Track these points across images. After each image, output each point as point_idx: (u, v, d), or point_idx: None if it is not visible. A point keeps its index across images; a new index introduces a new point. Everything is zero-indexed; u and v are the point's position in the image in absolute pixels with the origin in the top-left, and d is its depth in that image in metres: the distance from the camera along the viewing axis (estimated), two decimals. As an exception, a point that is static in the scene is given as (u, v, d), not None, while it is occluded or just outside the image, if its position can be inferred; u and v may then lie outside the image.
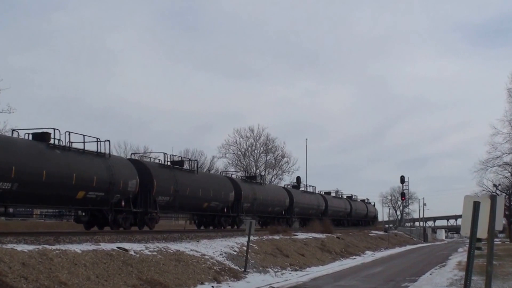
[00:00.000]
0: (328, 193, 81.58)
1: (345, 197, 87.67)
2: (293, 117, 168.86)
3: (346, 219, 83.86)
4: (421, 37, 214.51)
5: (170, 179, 38.81)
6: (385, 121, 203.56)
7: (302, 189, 71.94)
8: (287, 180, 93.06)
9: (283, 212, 60.72)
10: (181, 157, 46.54)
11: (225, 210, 46.55)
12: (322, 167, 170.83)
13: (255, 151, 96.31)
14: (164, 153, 40.58)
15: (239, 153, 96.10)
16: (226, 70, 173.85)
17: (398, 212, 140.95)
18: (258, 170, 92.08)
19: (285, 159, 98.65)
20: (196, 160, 45.59)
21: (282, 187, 70.10)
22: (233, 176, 57.45)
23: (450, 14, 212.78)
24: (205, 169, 67.46)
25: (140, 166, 36.77)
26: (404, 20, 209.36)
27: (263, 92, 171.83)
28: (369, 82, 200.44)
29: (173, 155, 42.76)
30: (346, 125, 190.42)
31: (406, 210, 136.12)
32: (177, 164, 41.74)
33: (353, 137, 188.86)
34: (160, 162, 40.37)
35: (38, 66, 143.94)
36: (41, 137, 29.32)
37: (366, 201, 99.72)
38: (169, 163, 40.64)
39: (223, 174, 58.60)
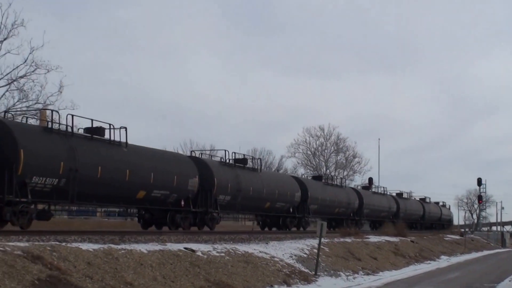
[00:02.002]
0: (367, 188, 70.26)
1: (392, 194, 73.13)
2: (365, 116, 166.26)
3: (391, 220, 67.29)
4: (499, 37, 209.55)
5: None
6: (462, 121, 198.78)
7: (323, 181, 56.61)
8: (358, 181, 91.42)
9: (291, 210, 46.00)
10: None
11: (183, 204, 33.55)
12: (394, 168, 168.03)
13: (325, 150, 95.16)
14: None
15: (309, 152, 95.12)
16: (296, 67, 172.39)
17: (475, 216, 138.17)
18: (328, 170, 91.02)
19: (356, 159, 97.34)
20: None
21: (293, 176, 54.68)
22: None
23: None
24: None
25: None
26: (481, 19, 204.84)
27: (335, 90, 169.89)
28: (445, 81, 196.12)
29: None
30: (420, 125, 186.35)
31: (483, 213, 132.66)
32: None
33: (427, 137, 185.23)
34: None
35: (103, 62, 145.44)
36: None
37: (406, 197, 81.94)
38: None
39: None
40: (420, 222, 79.84)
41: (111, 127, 29.59)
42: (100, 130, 28.87)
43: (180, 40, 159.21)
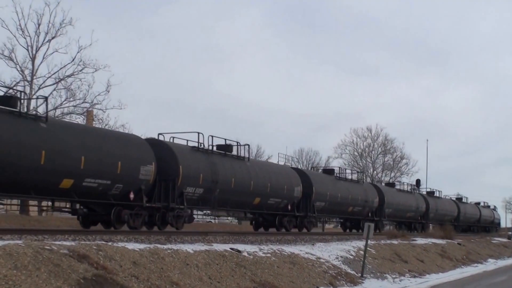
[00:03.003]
0: (392, 184, 64.57)
1: (422, 193, 69.13)
2: (413, 116, 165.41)
3: (419, 221, 63.77)
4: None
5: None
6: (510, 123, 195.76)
7: (335, 174, 48.11)
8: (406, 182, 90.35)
9: (290, 208, 38.82)
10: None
11: (132, 197, 26.99)
12: (443, 169, 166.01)
13: (373, 151, 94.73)
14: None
15: (356, 153, 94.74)
16: (343, 67, 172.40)
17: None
18: (375, 172, 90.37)
19: (404, 161, 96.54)
20: None
21: (294, 168, 44.27)
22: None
23: None
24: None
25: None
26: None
27: (382, 90, 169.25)
28: (494, 80, 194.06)
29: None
30: (469, 126, 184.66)
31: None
32: None
33: (476, 139, 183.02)
34: None
35: (147, 63, 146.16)
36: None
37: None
38: None
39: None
40: (454, 224, 70.42)
41: (24, 96, 25.75)
42: (11, 100, 23.80)
43: (227, 42, 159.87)
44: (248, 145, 36.32)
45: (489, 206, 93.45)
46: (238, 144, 35.67)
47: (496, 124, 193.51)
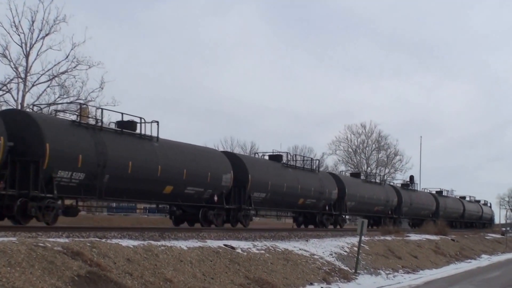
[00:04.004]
0: (357, 174, 59.53)
1: (395, 185, 62.98)
2: (407, 113, 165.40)
3: (390, 215, 57.06)
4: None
5: None
6: (506, 119, 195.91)
7: (283, 162, 41.27)
8: (399, 179, 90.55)
9: (216, 199, 32.69)
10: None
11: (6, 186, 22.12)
12: (436, 166, 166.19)
13: (367, 148, 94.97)
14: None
15: (350, 150, 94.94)
16: (338, 65, 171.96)
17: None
18: (369, 168, 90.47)
19: (397, 157, 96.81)
20: None
21: (225, 152, 40.07)
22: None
23: None
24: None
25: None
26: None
27: (377, 88, 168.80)
28: (489, 78, 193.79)
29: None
30: (463, 123, 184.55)
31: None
32: None
33: (470, 136, 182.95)
34: None
35: (141, 59, 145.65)
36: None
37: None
38: None
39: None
40: (433, 219, 62.63)
41: None
42: None
43: (222, 38, 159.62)
44: (157, 122, 29.79)
45: (478, 201, 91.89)
46: (143, 120, 29.28)
47: (490, 121, 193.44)
